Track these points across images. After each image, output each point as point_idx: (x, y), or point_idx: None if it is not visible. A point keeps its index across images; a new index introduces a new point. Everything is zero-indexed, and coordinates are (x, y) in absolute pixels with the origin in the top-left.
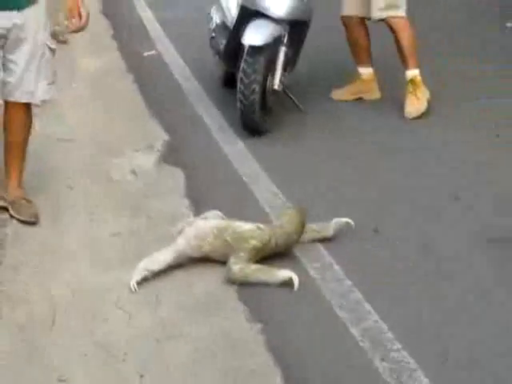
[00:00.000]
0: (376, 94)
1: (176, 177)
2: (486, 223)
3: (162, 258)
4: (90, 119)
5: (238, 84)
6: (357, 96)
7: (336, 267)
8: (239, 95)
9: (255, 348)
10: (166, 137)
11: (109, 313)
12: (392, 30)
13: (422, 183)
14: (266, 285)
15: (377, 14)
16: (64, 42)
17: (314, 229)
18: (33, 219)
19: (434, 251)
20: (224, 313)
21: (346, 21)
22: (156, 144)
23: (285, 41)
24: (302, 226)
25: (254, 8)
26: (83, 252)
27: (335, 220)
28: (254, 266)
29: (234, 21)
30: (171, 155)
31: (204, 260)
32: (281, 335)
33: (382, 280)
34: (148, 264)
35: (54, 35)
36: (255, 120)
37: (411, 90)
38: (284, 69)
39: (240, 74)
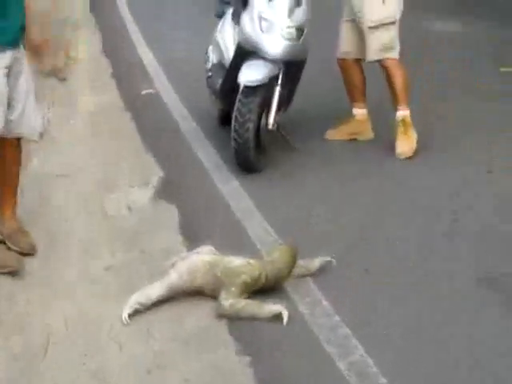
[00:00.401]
0: (369, 135)
1: (170, 213)
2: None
3: (154, 291)
4: (88, 155)
5: (233, 123)
6: (351, 136)
7: (325, 303)
8: (234, 134)
9: (244, 380)
10: (161, 173)
11: (101, 343)
12: (386, 70)
13: (415, 221)
14: (256, 319)
15: (373, 55)
16: (63, 80)
17: (301, 265)
18: (31, 250)
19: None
20: (214, 346)
21: (341, 62)
22: (152, 180)
23: (280, 81)
24: (293, 261)
25: (250, 48)
26: (77, 284)
27: (319, 258)
28: (245, 301)
29: (231, 60)
30: (166, 192)
31: (195, 294)
32: (269, 368)
33: (369, 317)
34: (140, 297)
35: (54, 72)
36: (249, 158)
37: (402, 129)
38: (278, 108)
39: (235, 113)
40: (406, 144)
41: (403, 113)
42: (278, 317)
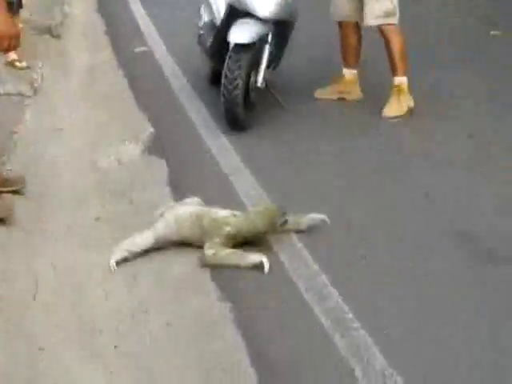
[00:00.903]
0: (358, 95)
1: (159, 167)
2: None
3: (143, 240)
4: (80, 111)
5: (223, 79)
6: (339, 95)
7: (304, 253)
8: (223, 90)
9: (224, 325)
10: (151, 129)
11: (88, 290)
12: (384, 36)
13: (396, 180)
14: (238, 268)
15: (372, 21)
16: (57, 37)
17: (291, 220)
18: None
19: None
20: (196, 292)
21: (340, 23)
22: (142, 136)
23: (269, 40)
24: (272, 224)
25: (240, 7)
26: (67, 234)
27: (311, 215)
28: (228, 251)
29: (221, 19)
30: (156, 147)
31: (182, 244)
32: (249, 314)
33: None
34: (129, 245)
35: (48, 29)
36: (238, 115)
37: (395, 94)
38: (267, 67)
39: (225, 71)
40: (394, 107)
41: (399, 79)
42: (259, 266)
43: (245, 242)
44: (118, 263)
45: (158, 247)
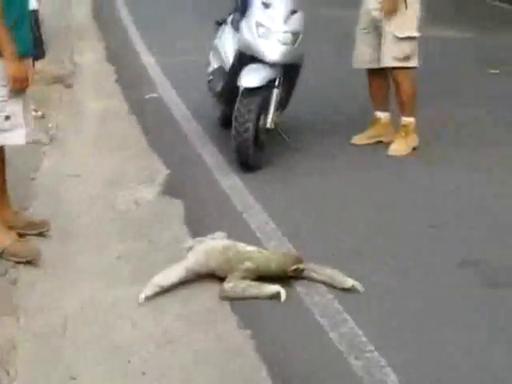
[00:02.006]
0: (393, 136)
1: (176, 207)
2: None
3: (174, 273)
4: (96, 157)
5: (234, 122)
6: (376, 139)
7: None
8: (234, 133)
9: (246, 350)
10: (166, 171)
11: (115, 322)
12: (397, 77)
13: (403, 215)
14: (255, 299)
15: (391, 62)
16: (69, 86)
17: (326, 274)
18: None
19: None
20: (218, 321)
21: (367, 71)
22: (157, 178)
23: (277, 83)
24: (283, 270)
25: (249, 53)
26: (91, 272)
27: (345, 278)
28: (245, 283)
29: (231, 65)
30: (172, 188)
31: (207, 276)
32: (269, 339)
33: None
34: (160, 280)
35: (60, 79)
36: (249, 156)
37: (403, 134)
38: (276, 109)
39: (235, 114)
40: (400, 147)
41: (407, 119)
42: (276, 296)
43: (264, 277)
44: (147, 298)
45: (188, 280)
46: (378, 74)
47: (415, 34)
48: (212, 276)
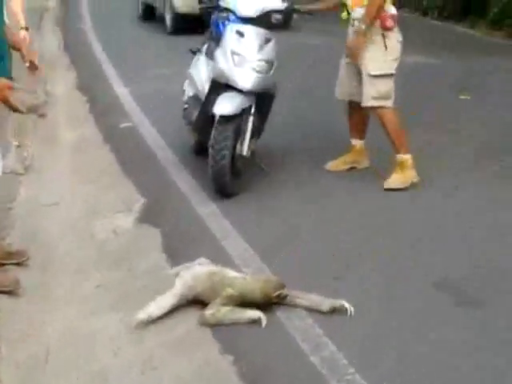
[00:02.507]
0: (366, 164)
1: (153, 235)
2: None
3: (166, 301)
4: (73, 186)
5: (210, 150)
6: (350, 165)
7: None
8: (210, 161)
9: (229, 375)
10: (143, 200)
11: (96, 351)
12: (379, 118)
13: (386, 244)
14: (237, 324)
15: (368, 101)
16: (43, 116)
17: (312, 299)
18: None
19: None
20: (200, 347)
21: (347, 103)
22: (134, 207)
23: (252, 111)
24: (267, 296)
25: (224, 81)
26: (71, 301)
27: (331, 300)
28: (225, 309)
29: (206, 93)
30: (149, 216)
31: (190, 303)
32: (251, 364)
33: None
34: (154, 309)
35: (33, 109)
36: (226, 183)
37: (399, 171)
38: (251, 136)
39: (211, 142)
40: (396, 180)
41: (401, 157)
42: (256, 321)
43: (246, 304)
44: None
45: (178, 306)
46: (359, 107)
47: (390, 71)
48: (198, 302)
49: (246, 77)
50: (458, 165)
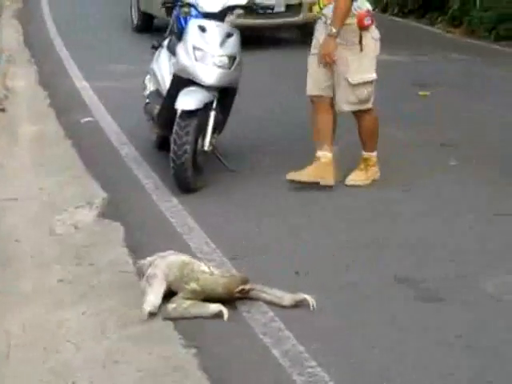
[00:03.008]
0: (331, 181)
1: (115, 230)
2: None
3: (158, 290)
4: (33, 181)
5: (172, 145)
6: (313, 180)
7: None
8: (172, 155)
9: (191, 369)
10: (104, 195)
11: (59, 345)
12: (356, 118)
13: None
14: (198, 318)
15: (346, 106)
16: (3, 111)
17: (274, 294)
18: None
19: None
20: (162, 341)
21: (314, 100)
22: (95, 201)
23: (214, 106)
24: (230, 291)
25: (186, 76)
26: (33, 295)
27: (294, 295)
28: (187, 303)
29: (168, 88)
30: (110, 211)
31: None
32: (213, 358)
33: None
34: (154, 300)
35: None
36: (187, 178)
37: (362, 167)
38: (213, 131)
39: (173, 137)
40: (358, 177)
41: (369, 154)
42: (219, 315)
43: (210, 299)
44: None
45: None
46: (326, 107)
47: (371, 77)
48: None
49: (208, 72)
50: (415, 161)
